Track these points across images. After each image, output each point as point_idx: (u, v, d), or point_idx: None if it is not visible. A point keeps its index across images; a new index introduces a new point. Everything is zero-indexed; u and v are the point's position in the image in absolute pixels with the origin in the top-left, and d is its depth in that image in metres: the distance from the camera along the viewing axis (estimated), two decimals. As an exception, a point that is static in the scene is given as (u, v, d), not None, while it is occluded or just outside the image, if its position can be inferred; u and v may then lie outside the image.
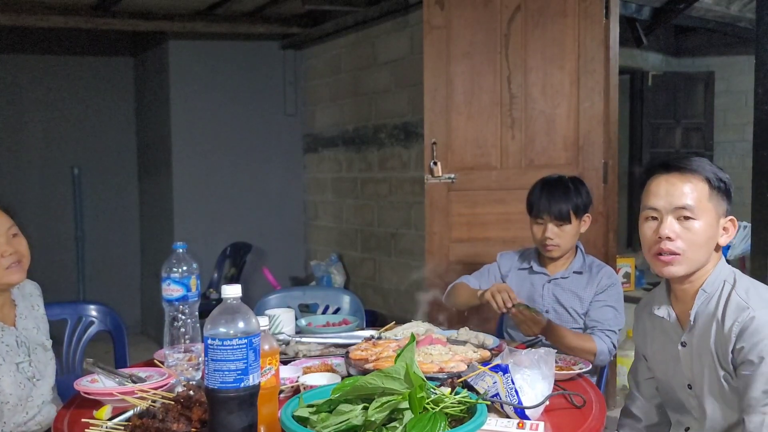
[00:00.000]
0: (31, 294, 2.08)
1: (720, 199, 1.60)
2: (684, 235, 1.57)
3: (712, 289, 1.61)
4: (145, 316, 6.11)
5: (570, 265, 2.46)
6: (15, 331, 1.95)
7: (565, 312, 2.42)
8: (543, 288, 2.46)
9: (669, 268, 1.59)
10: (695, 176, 1.58)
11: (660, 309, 1.71)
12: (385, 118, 4.88)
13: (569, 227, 2.39)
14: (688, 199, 1.57)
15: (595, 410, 1.54)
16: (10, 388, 1.86)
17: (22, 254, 1.93)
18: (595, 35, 3.20)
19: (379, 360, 1.69)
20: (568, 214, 2.37)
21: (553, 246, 2.40)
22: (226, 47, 5.63)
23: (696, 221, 1.57)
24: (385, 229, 4.96)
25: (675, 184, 1.58)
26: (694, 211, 1.56)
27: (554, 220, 2.37)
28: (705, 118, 6.74)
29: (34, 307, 2.06)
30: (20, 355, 1.93)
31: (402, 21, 4.63)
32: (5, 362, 1.87)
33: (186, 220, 5.48)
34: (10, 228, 1.92)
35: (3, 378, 1.85)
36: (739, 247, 5.17)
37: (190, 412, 1.38)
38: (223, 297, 1.29)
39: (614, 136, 3.28)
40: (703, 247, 1.59)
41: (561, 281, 2.44)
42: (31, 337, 1.99)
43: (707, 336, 1.59)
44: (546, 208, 2.38)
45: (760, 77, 2.84)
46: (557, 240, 2.39)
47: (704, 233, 1.57)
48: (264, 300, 2.89)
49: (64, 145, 5.93)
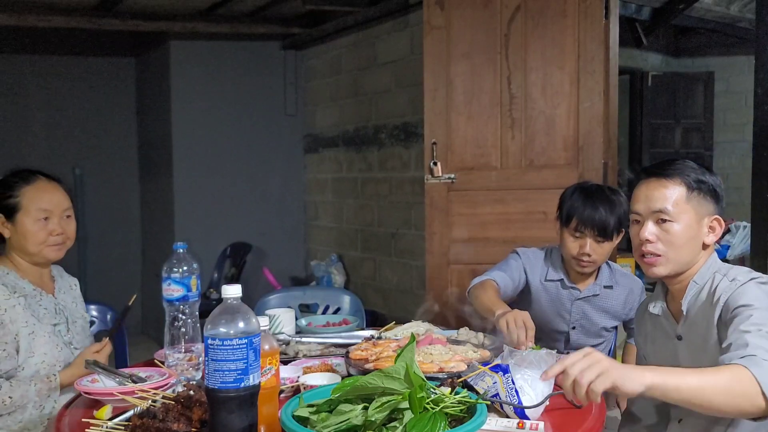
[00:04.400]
0: (70, 277, 2.24)
1: (701, 199, 1.64)
2: (663, 237, 1.64)
3: (702, 280, 1.65)
4: (145, 316, 6.11)
5: (598, 278, 2.31)
6: (53, 299, 2.08)
7: (592, 328, 2.34)
8: (572, 305, 2.33)
9: (653, 269, 1.67)
10: (671, 180, 1.65)
11: (656, 307, 1.76)
12: (385, 118, 4.88)
13: (608, 244, 2.21)
14: (665, 203, 1.64)
15: (595, 410, 1.54)
16: (44, 347, 1.95)
17: (68, 236, 2.06)
18: (595, 35, 3.20)
19: (379, 360, 1.70)
20: (612, 231, 2.19)
21: (589, 262, 2.22)
22: (227, 47, 5.63)
23: (674, 223, 1.63)
24: (385, 229, 4.96)
25: (653, 189, 1.66)
26: (671, 213, 1.63)
27: (596, 236, 2.19)
28: (705, 119, 6.74)
29: (71, 287, 2.21)
30: (57, 319, 2.03)
31: (402, 21, 4.63)
32: (41, 323, 1.97)
33: (186, 220, 5.48)
34: (67, 209, 2.07)
35: (37, 337, 1.95)
36: (739, 247, 5.18)
37: (191, 412, 1.38)
38: (223, 297, 1.29)
39: (614, 137, 3.28)
40: (683, 248, 1.64)
41: (592, 298, 2.31)
42: (70, 308, 2.12)
43: (703, 323, 1.61)
44: (590, 222, 2.18)
45: (759, 77, 2.84)
46: (595, 256, 2.21)
47: (683, 234, 1.63)
48: (264, 300, 2.89)
49: (65, 145, 5.94)
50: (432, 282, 3.40)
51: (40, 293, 2.04)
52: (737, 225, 5.42)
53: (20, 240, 2.00)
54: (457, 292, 2.82)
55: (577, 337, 2.37)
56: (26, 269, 2.04)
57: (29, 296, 1.99)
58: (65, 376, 1.93)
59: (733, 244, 5.26)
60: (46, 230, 2.00)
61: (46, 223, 2.00)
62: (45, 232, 2.00)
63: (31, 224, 1.99)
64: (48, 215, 2.01)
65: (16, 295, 1.95)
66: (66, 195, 2.09)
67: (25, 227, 1.99)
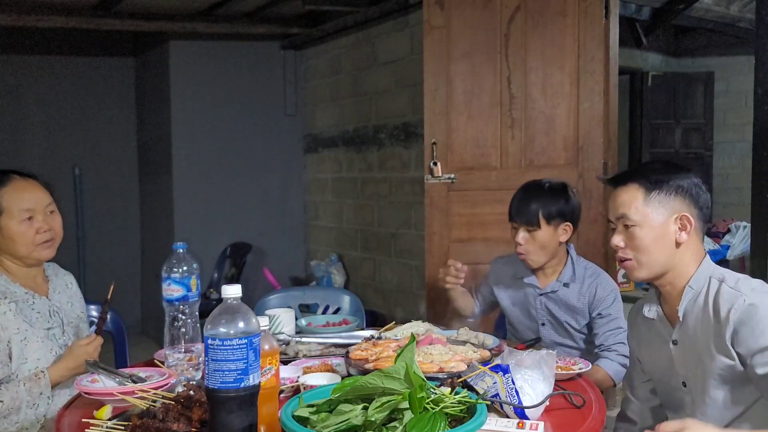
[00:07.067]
0: (65, 274, 2.18)
1: (664, 198, 1.64)
2: (629, 243, 1.67)
3: (698, 285, 1.64)
4: (145, 316, 6.11)
5: (560, 276, 2.34)
6: (47, 301, 2.03)
7: (561, 327, 2.36)
8: (536, 301, 2.37)
9: (632, 273, 1.69)
10: (627, 185, 1.67)
11: (650, 311, 1.75)
12: (385, 118, 4.88)
13: (540, 234, 2.26)
14: (623, 209, 1.66)
15: (594, 410, 1.55)
16: (37, 353, 1.91)
17: (56, 232, 2.01)
18: (594, 35, 3.20)
19: (379, 360, 1.70)
20: (538, 220, 2.24)
21: (524, 253, 2.29)
22: (226, 47, 5.63)
23: (636, 227, 1.65)
24: (385, 229, 4.96)
25: (615, 197, 1.69)
26: (630, 218, 1.65)
27: (524, 224, 2.27)
28: (704, 119, 6.74)
29: (68, 286, 2.15)
30: (50, 323, 1.99)
31: (402, 21, 4.63)
32: (33, 327, 1.93)
33: (186, 220, 5.48)
34: (49, 205, 2.01)
35: (29, 343, 1.91)
36: (739, 247, 5.18)
37: (190, 412, 1.38)
38: (223, 297, 1.29)
39: (614, 137, 3.28)
40: (652, 250, 1.64)
41: (552, 295, 2.34)
42: (65, 309, 2.07)
43: (699, 330, 1.60)
44: (517, 212, 2.29)
45: (759, 77, 2.85)
46: (527, 246, 2.28)
47: (646, 237, 1.64)
48: (264, 300, 2.89)
49: (65, 145, 5.94)
50: (432, 282, 3.40)
51: (32, 296, 1.99)
52: (737, 225, 5.42)
53: (8, 244, 1.95)
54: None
55: (548, 333, 2.37)
56: (16, 272, 2.00)
57: (21, 301, 1.95)
58: (54, 371, 1.89)
59: (733, 244, 5.26)
60: (33, 229, 1.95)
61: (31, 223, 1.95)
62: (32, 231, 1.95)
63: (17, 226, 1.94)
64: (32, 214, 1.96)
65: (6, 300, 1.91)
66: (45, 190, 2.02)
67: (11, 230, 1.94)
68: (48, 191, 2.03)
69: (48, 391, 1.88)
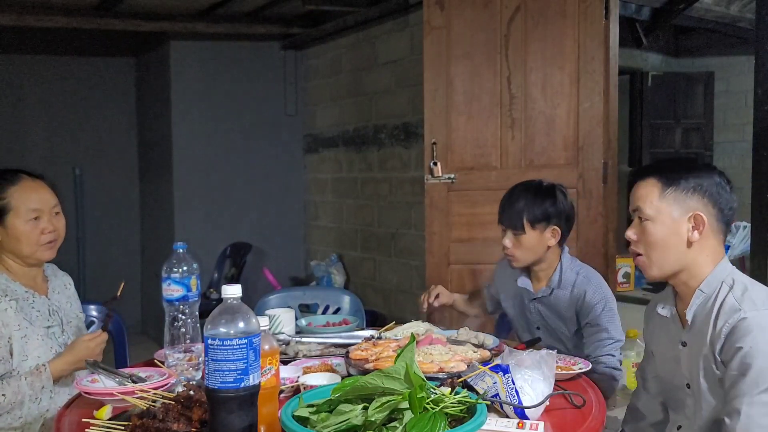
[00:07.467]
0: (64, 275, 2.21)
1: (680, 196, 1.62)
2: (641, 237, 1.66)
3: (709, 289, 1.61)
4: (145, 316, 6.11)
5: (549, 281, 2.28)
6: (47, 300, 2.05)
7: (554, 332, 2.33)
8: (531, 305, 2.35)
9: (644, 271, 1.68)
10: (646, 180, 1.66)
11: (664, 308, 1.74)
12: (385, 118, 4.88)
13: (525, 238, 2.22)
14: (639, 202, 1.66)
15: (594, 410, 1.55)
16: (38, 350, 1.93)
17: (59, 234, 2.04)
18: (594, 35, 3.20)
19: (379, 360, 1.70)
20: (522, 224, 2.21)
21: (511, 255, 2.27)
22: (226, 48, 5.63)
23: (649, 222, 1.64)
24: (385, 229, 4.96)
25: (634, 190, 1.69)
26: (644, 212, 1.64)
27: (509, 228, 2.24)
28: (705, 119, 6.73)
29: (66, 286, 2.18)
30: (50, 321, 2.00)
31: (402, 21, 4.63)
32: (33, 325, 1.95)
33: (186, 220, 5.48)
34: (55, 206, 2.04)
35: (30, 340, 1.92)
36: (739, 247, 5.17)
37: (190, 412, 1.38)
38: (223, 297, 1.29)
39: (614, 137, 3.28)
40: (662, 247, 1.63)
41: (543, 300, 2.31)
42: (65, 309, 2.09)
43: (703, 337, 1.59)
44: (503, 215, 2.27)
45: (759, 77, 2.85)
46: (512, 250, 2.25)
47: (657, 233, 1.63)
48: (264, 300, 2.89)
49: (65, 146, 5.94)
50: (432, 282, 3.40)
51: (32, 295, 2.01)
52: (737, 225, 5.41)
53: (12, 242, 1.97)
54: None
55: (544, 338, 2.34)
56: (17, 271, 2.01)
57: (21, 299, 1.96)
58: (55, 365, 1.90)
59: (733, 244, 5.26)
60: (38, 229, 1.98)
61: (37, 223, 1.98)
62: (37, 231, 1.97)
63: (23, 225, 1.96)
64: (38, 214, 1.98)
65: (7, 298, 1.92)
66: (51, 192, 2.05)
67: (17, 229, 1.96)
68: (54, 192, 2.06)
69: (50, 384, 1.89)
